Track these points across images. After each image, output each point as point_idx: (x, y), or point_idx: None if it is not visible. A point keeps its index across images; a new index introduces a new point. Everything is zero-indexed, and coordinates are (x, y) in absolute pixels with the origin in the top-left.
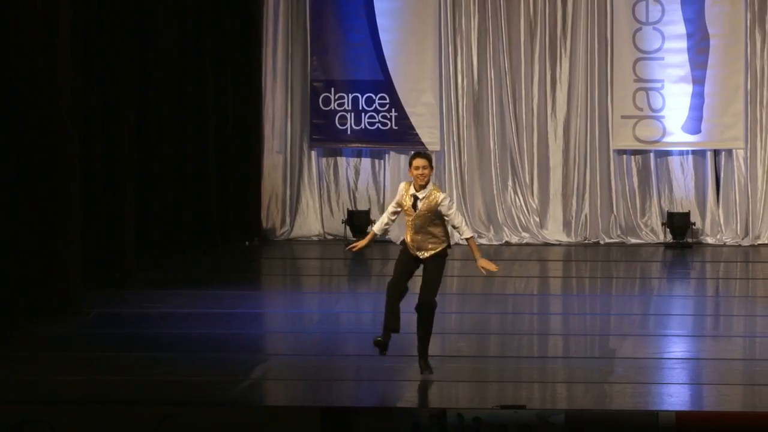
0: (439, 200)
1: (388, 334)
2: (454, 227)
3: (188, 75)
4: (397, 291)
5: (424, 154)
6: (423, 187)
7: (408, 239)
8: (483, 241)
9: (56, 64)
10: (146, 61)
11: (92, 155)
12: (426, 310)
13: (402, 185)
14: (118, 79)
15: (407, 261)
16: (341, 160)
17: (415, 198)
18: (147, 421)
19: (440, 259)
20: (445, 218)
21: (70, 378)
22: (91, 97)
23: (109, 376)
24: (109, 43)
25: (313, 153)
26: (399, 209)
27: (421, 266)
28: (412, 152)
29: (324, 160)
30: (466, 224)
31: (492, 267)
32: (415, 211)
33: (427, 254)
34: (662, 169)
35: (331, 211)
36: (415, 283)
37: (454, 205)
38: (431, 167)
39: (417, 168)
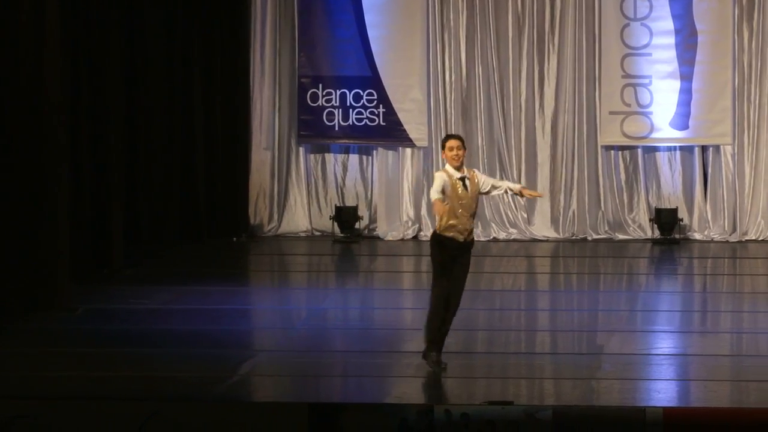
0: (478, 176)
1: (433, 348)
2: (503, 189)
3: (176, 71)
4: (445, 302)
5: (457, 135)
6: (459, 168)
7: (453, 227)
8: None
9: (44, 60)
10: (134, 56)
11: (80, 152)
12: (454, 315)
13: (439, 174)
14: (105, 75)
15: (449, 263)
16: (329, 156)
17: (464, 179)
18: (134, 417)
19: (470, 253)
20: (491, 192)
21: (59, 374)
22: (80, 93)
23: (97, 372)
24: (97, 39)
25: (301, 149)
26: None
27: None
28: (444, 135)
29: (312, 156)
30: (501, 179)
31: (536, 193)
32: (468, 192)
33: (471, 236)
34: (650, 164)
35: (319, 207)
36: None
37: (484, 175)
38: (464, 147)
39: (451, 149)
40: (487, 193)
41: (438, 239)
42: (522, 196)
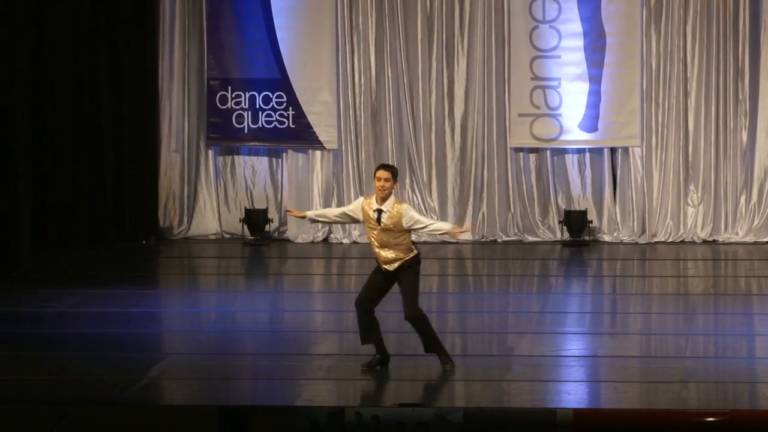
0: (403, 211)
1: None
2: (429, 231)
3: (84, 73)
4: (361, 310)
5: (389, 166)
6: (384, 199)
7: (377, 255)
8: None
9: None
10: (41, 58)
11: None
12: (416, 323)
13: (360, 200)
14: (11, 76)
15: (375, 280)
16: (239, 159)
17: (380, 212)
18: (43, 420)
19: (411, 268)
20: (416, 229)
21: None
22: None
23: (6, 376)
24: (3, 40)
25: (211, 152)
26: (346, 219)
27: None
28: (380, 164)
29: (221, 158)
30: (433, 219)
31: (464, 229)
32: (379, 225)
33: (396, 265)
34: (559, 166)
35: (229, 209)
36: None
37: (414, 211)
38: (395, 180)
39: (379, 179)
40: (414, 229)
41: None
42: (452, 235)
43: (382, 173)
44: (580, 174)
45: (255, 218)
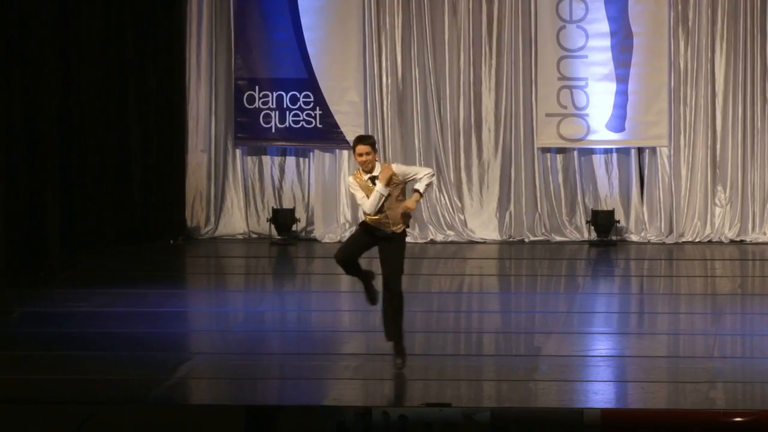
0: (393, 168)
1: (368, 286)
2: (418, 180)
3: (111, 72)
4: (344, 265)
5: (365, 139)
6: (370, 171)
7: (369, 220)
8: (408, 239)
9: None
10: (68, 58)
11: (14, 154)
12: (398, 298)
13: (350, 179)
14: (40, 76)
15: (360, 240)
16: (266, 159)
17: (373, 178)
18: (70, 420)
19: (403, 240)
20: (410, 178)
21: None
22: (13, 94)
23: (33, 375)
24: (31, 38)
25: (238, 151)
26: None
27: (377, 248)
28: (355, 138)
29: (249, 158)
30: (424, 171)
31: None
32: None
33: (400, 228)
34: (586, 166)
35: (256, 209)
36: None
37: (401, 165)
38: (375, 151)
39: (360, 155)
40: (410, 180)
41: (361, 222)
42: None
43: (361, 148)
44: (608, 174)
45: (282, 218)
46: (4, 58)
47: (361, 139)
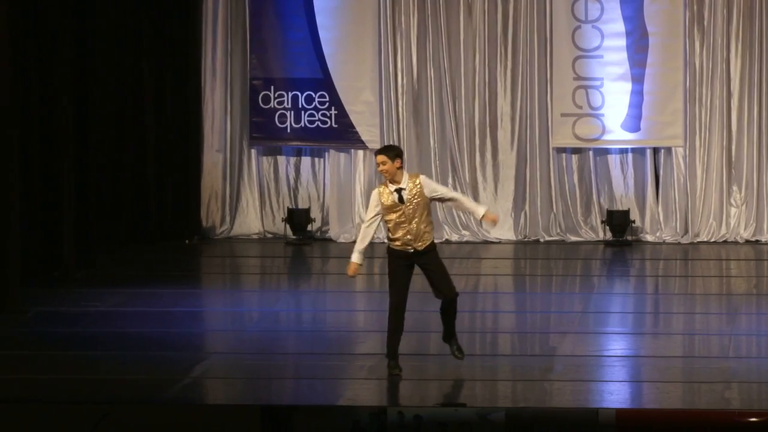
0: (422, 182)
1: (393, 354)
2: (460, 206)
3: (127, 72)
4: (401, 314)
5: (383, 149)
6: (396, 180)
7: (398, 239)
8: None
9: None
10: (84, 57)
11: (30, 154)
12: (454, 303)
13: (375, 192)
14: (56, 75)
15: (403, 273)
16: (281, 159)
17: (399, 190)
18: (85, 420)
19: (434, 251)
20: (442, 199)
21: (9, 377)
22: (29, 94)
23: (48, 375)
24: (47, 40)
25: (253, 151)
26: (377, 218)
27: (417, 267)
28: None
29: (264, 158)
30: (452, 189)
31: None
32: (402, 203)
33: (427, 243)
34: (602, 166)
35: (271, 209)
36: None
37: (431, 181)
38: (394, 160)
39: (378, 165)
40: (439, 199)
41: (389, 250)
42: (482, 220)
43: (378, 158)
44: (623, 174)
45: (297, 218)
46: (21, 59)
47: (379, 150)
